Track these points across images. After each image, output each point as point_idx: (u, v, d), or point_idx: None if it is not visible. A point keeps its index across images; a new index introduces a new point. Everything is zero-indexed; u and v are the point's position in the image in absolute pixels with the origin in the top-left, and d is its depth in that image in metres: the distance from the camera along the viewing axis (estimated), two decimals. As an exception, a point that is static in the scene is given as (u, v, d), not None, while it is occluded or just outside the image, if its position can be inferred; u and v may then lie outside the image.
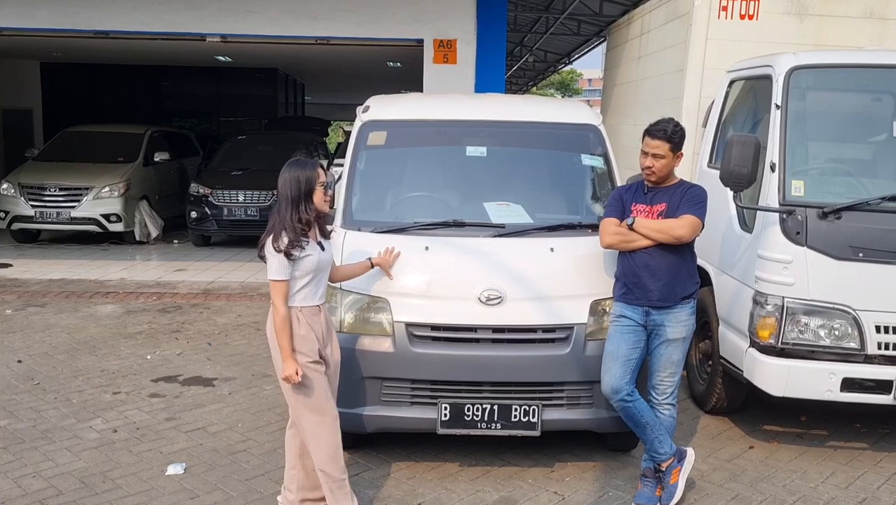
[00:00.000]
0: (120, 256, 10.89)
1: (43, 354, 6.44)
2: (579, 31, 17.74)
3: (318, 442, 3.60)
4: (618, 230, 3.98)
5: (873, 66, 4.81)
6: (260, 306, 8.07)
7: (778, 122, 4.54)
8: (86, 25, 10.02)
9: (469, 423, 4.07)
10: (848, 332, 4.33)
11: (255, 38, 10.57)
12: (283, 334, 3.49)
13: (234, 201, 11.53)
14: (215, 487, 4.16)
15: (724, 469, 4.51)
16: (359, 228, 4.49)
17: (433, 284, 4.24)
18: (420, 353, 4.09)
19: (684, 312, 3.94)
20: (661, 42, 7.31)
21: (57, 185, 11.41)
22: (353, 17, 9.94)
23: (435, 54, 10.02)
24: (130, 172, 11.97)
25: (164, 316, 7.70)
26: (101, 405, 5.30)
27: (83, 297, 8.40)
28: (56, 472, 4.31)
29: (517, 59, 23.11)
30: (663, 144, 3.90)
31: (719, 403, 5.15)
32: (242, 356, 6.47)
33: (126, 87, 18.51)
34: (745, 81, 5.31)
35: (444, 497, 4.09)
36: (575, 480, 4.31)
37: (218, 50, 13.56)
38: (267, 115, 18.70)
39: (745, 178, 4.31)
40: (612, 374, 3.93)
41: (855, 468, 4.58)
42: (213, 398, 5.49)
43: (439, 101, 5.83)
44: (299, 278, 3.53)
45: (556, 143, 5.08)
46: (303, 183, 3.52)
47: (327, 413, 3.61)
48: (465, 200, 4.82)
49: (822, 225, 4.32)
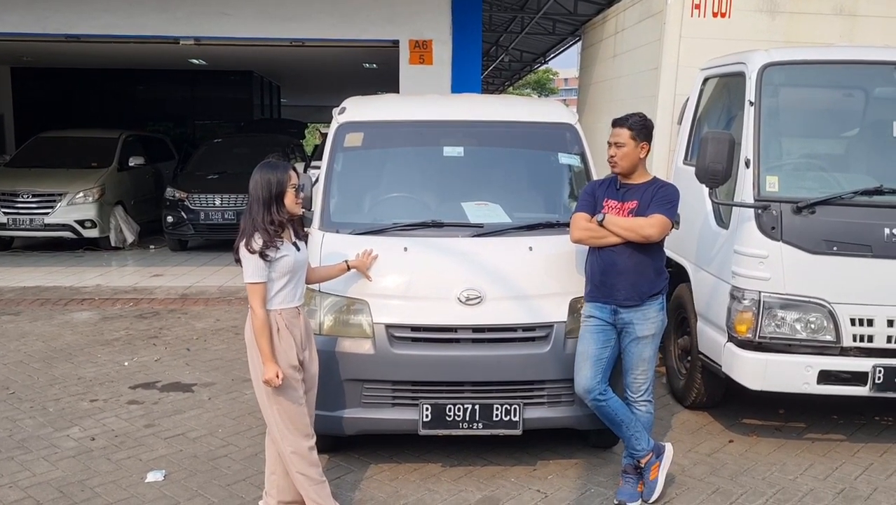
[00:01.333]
0: (95, 263, 10.77)
1: (18, 362, 6.34)
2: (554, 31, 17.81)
3: (293, 446, 3.57)
4: (588, 226, 3.99)
5: (844, 62, 4.88)
6: (238, 310, 8.02)
7: (752, 118, 4.58)
8: (56, 29, 9.90)
9: (451, 423, 4.07)
10: (824, 325, 4.38)
11: (229, 40, 10.50)
12: (262, 337, 3.46)
13: (211, 205, 11.45)
14: (196, 494, 4.12)
15: (704, 463, 4.55)
16: (337, 230, 4.48)
17: (412, 284, 4.23)
18: (400, 354, 4.08)
19: (652, 308, 3.96)
20: (636, 40, 7.35)
21: (30, 191, 11.24)
22: (328, 19, 9.90)
23: (411, 55, 10.01)
24: (105, 178, 11.84)
25: (142, 322, 7.63)
26: (78, 413, 5.23)
27: (58, 304, 8.29)
28: (33, 481, 4.25)
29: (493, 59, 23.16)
30: (624, 132, 3.94)
31: (699, 398, 5.19)
32: (222, 361, 6.42)
33: (99, 92, 18.31)
34: (719, 79, 5.36)
35: (426, 498, 4.08)
36: (557, 477, 4.33)
37: (192, 53, 13.45)
38: (243, 118, 18.58)
39: (720, 175, 4.35)
40: (584, 374, 3.95)
41: (833, 459, 4.64)
42: (193, 404, 5.44)
43: (416, 102, 5.83)
44: (276, 280, 3.51)
45: (533, 142, 5.10)
46: (273, 185, 3.50)
47: (300, 419, 3.58)
48: (443, 201, 4.82)
49: (797, 220, 4.37)
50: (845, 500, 4.15)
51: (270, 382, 3.46)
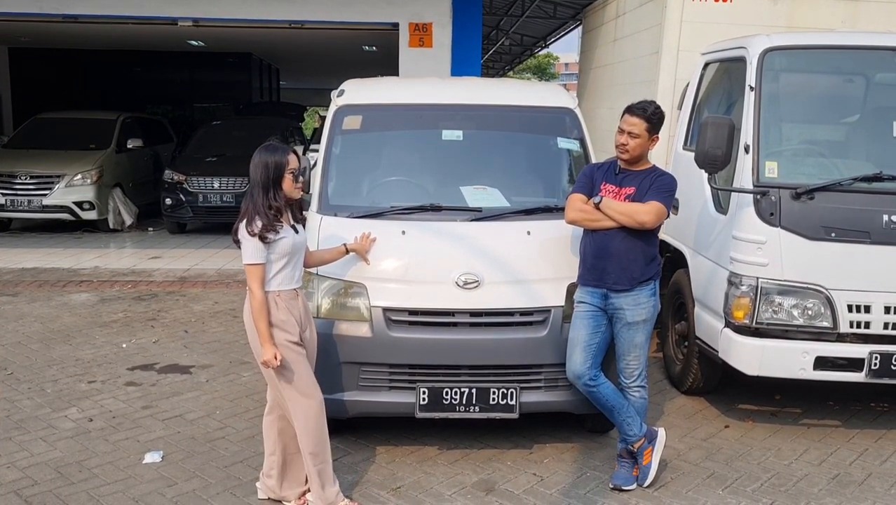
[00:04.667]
0: (94, 245, 10.75)
1: (16, 343, 6.35)
2: (555, 14, 17.68)
3: (309, 424, 3.59)
4: (583, 207, 3.98)
5: (846, 47, 4.85)
6: (237, 293, 8.02)
7: (752, 103, 4.56)
8: (53, 9, 9.82)
9: (447, 406, 4.08)
10: (821, 311, 4.39)
11: (227, 21, 10.41)
12: (260, 318, 3.47)
13: (209, 188, 11.43)
14: (193, 475, 4.14)
15: (700, 448, 4.56)
16: (335, 214, 4.47)
17: (410, 268, 4.23)
18: (398, 337, 4.08)
19: (643, 294, 3.96)
20: (636, 25, 7.31)
21: (28, 172, 11.22)
22: (328, 1, 9.83)
23: (410, 38, 9.95)
24: (103, 159, 11.80)
25: (140, 304, 7.63)
26: (76, 394, 5.24)
27: (56, 286, 8.29)
28: (31, 462, 4.26)
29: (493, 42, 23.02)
30: (641, 123, 3.91)
31: (695, 383, 5.21)
32: (219, 343, 6.43)
33: (98, 73, 18.23)
34: (720, 64, 5.33)
35: (423, 480, 4.10)
36: (553, 461, 4.35)
37: (190, 34, 13.36)
38: (241, 100, 18.50)
39: (719, 160, 4.34)
40: (574, 360, 3.97)
41: (828, 445, 4.65)
42: (191, 386, 5.45)
43: (415, 85, 5.80)
44: (275, 262, 3.51)
45: (533, 126, 5.08)
46: (271, 169, 3.49)
47: (314, 395, 3.61)
48: (441, 184, 4.80)
49: (796, 206, 4.36)
50: (839, 485, 4.17)
51: (268, 364, 3.47)
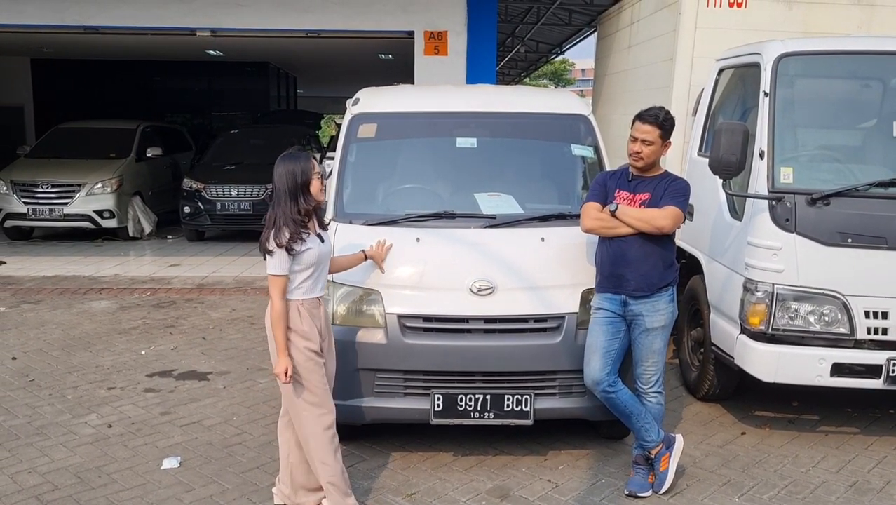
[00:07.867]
0: (113, 252, 10.87)
1: (37, 350, 6.44)
2: (570, 21, 17.69)
3: (317, 433, 3.60)
4: (599, 215, 3.99)
5: (861, 52, 4.83)
6: (254, 300, 8.08)
7: (766, 109, 4.55)
8: (74, 21, 9.98)
9: (462, 413, 4.09)
10: (837, 317, 4.36)
11: (245, 31, 10.54)
12: (278, 328, 3.50)
13: (228, 196, 11.52)
14: (211, 481, 4.18)
15: (716, 455, 4.54)
16: (350, 221, 4.50)
17: (425, 275, 4.25)
18: (412, 344, 4.10)
19: (662, 300, 3.96)
20: (651, 31, 7.31)
21: (49, 181, 11.38)
22: (343, 10, 9.91)
23: (426, 46, 10.00)
24: (123, 168, 11.94)
25: (159, 311, 7.70)
26: (95, 401, 5.31)
27: (77, 293, 8.39)
28: (51, 467, 4.32)
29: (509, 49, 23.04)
30: (653, 130, 3.91)
31: (711, 390, 5.18)
32: (237, 350, 6.48)
33: (117, 83, 18.42)
34: (734, 69, 5.32)
35: (438, 487, 4.12)
36: (568, 467, 4.34)
37: (209, 44, 13.52)
38: (259, 109, 18.64)
39: (734, 166, 4.33)
40: (592, 366, 3.97)
41: (846, 452, 4.62)
42: (208, 392, 5.50)
43: (429, 93, 5.83)
44: (300, 272, 3.54)
45: (547, 133, 5.09)
46: (299, 175, 3.53)
47: (325, 405, 3.63)
48: (455, 192, 4.83)
49: (811, 211, 4.34)
50: (858, 492, 4.14)
51: (279, 376, 3.50)
